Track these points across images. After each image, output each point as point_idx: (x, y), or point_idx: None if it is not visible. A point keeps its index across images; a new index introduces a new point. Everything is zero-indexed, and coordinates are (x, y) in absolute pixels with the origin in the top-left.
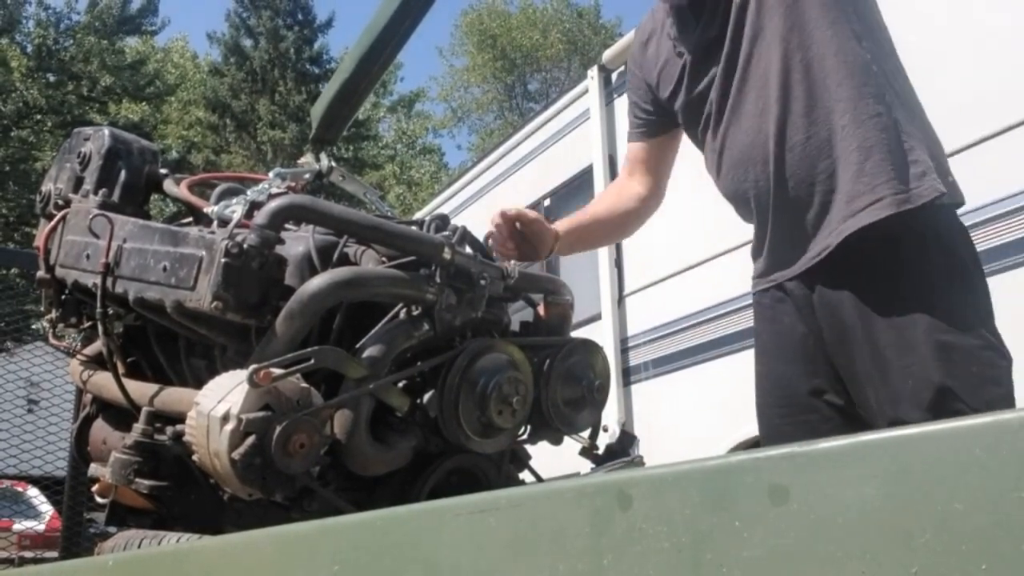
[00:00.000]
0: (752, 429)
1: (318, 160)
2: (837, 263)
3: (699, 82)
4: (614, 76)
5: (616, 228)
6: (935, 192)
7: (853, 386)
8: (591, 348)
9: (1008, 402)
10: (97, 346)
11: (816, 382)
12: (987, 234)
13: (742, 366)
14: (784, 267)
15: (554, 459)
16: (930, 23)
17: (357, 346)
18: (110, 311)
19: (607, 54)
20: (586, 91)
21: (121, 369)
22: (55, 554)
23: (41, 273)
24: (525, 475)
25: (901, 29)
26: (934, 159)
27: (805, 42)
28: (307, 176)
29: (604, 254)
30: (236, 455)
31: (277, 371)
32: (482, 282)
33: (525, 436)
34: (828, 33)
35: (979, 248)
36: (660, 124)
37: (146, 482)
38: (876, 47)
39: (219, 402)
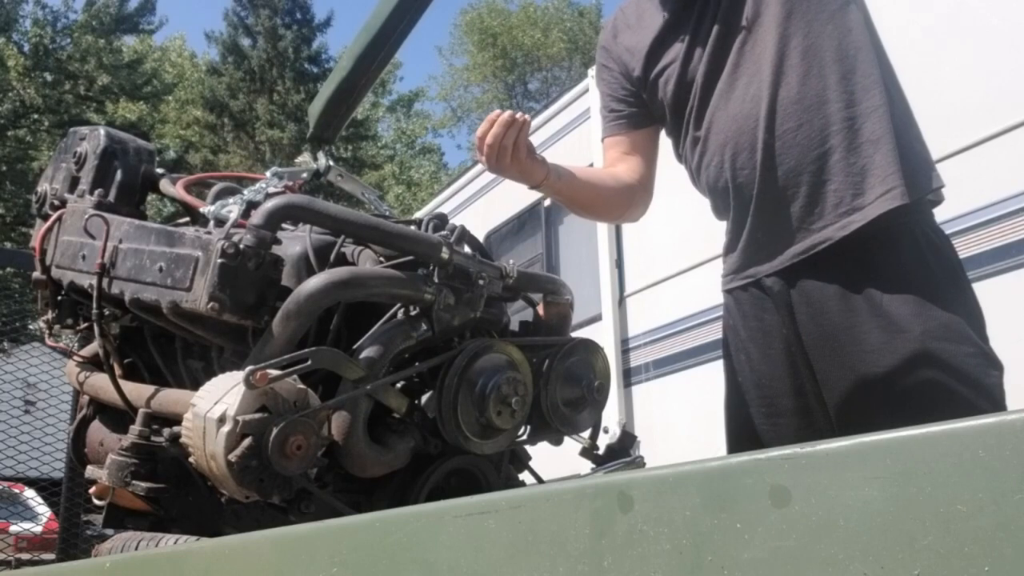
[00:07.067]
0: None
1: (316, 159)
2: (824, 259)
3: (689, 67)
4: None
5: (602, 200)
6: (939, 183)
7: (830, 388)
8: (591, 348)
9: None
10: (94, 347)
11: (799, 384)
12: (988, 236)
13: None
14: (763, 261)
15: (554, 460)
16: (930, 23)
17: (355, 347)
18: (106, 312)
19: None
20: (587, 90)
21: (118, 370)
22: (52, 556)
23: (37, 274)
24: (525, 476)
25: (902, 29)
26: (927, 152)
27: (803, 29)
28: (305, 175)
29: (605, 255)
30: (232, 457)
31: (274, 372)
32: (481, 282)
33: (525, 437)
34: (827, 22)
35: (978, 250)
36: (643, 115)
37: (143, 484)
38: (873, 38)
39: (215, 403)
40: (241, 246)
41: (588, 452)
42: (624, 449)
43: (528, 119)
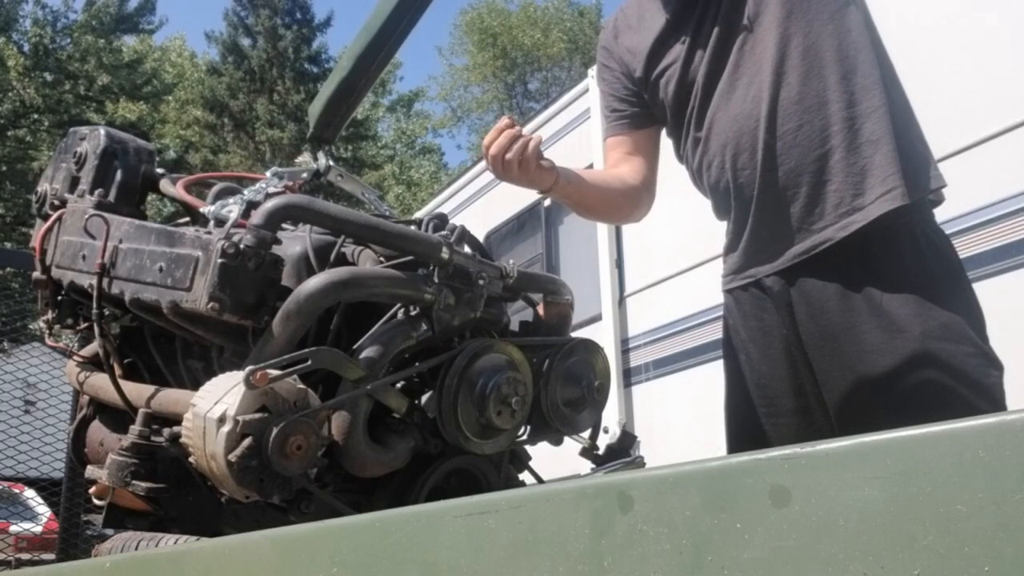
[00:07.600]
0: None
1: (316, 159)
2: (824, 259)
3: (690, 68)
4: None
5: (609, 202)
6: (939, 183)
7: (829, 388)
8: (591, 348)
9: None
10: (94, 347)
11: (799, 384)
12: (988, 236)
13: None
14: (764, 262)
15: (554, 460)
16: (930, 23)
17: (355, 347)
18: (106, 312)
19: None
20: (587, 90)
21: (118, 370)
22: (52, 556)
23: (37, 274)
24: (525, 476)
25: (902, 28)
26: (928, 152)
27: (804, 29)
28: (305, 175)
29: (605, 255)
30: (232, 457)
31: (274, 372)
32: (481, 282)
33: (525, 437)
34: (828, 22)
35: (978, 250)
36: (645, 115)
37: (143, 484)
38: (873, 38)
39: (215, 403)
40: (241, 246)
41: (588, 452)
42: (624, 449)
43: (541, 138)
